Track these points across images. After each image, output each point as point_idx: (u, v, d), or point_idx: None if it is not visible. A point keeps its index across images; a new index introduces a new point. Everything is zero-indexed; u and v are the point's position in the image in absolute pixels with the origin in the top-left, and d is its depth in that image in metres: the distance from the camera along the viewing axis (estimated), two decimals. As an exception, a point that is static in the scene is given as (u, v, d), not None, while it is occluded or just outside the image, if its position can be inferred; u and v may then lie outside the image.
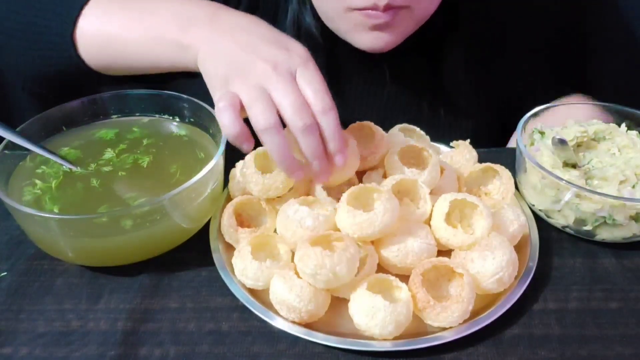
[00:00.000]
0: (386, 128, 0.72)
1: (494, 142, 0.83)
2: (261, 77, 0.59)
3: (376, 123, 0.71)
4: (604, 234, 0.66)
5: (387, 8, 0.68)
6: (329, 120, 0.59)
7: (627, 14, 0.88)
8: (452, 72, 0.85)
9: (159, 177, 0.67)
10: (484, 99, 0.90)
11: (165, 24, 0.70)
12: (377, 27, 0.71)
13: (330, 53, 0.82)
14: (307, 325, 0.57)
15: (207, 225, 0.67)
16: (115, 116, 0.76)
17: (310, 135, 0.58)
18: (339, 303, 0.59)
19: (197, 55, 0.66)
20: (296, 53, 0.61)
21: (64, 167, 0.68)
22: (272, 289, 0.57)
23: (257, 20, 0.67)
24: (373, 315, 0.54)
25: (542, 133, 0.74)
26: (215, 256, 0.64)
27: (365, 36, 0.73)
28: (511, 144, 0.89)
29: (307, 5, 0.79)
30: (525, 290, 0.60)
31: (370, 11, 0.69)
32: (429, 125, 0.76)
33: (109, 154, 0.70)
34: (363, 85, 0.87)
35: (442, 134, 0.78)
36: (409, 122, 0.75)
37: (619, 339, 0.58)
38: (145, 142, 0.72)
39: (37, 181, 0.67)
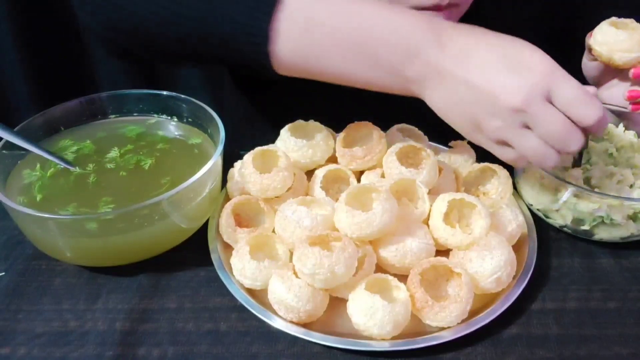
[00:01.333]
0: (383, 126, 0.72)
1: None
2: (513, 116, 0.55)
3: (374, 120, 0.71)
4: (602, 234, 0.66)
5: (449, 6, 0.66)
6: (599, 127, 0.56)
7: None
8: None
9: (150, 181, 0.67)
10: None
11: (383, 45, 0.58)
12: None
13: None
14: (306, 325, 0.57)
15: (206, 225, 0.67)
16: (114, 116, 0.76)
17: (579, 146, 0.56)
18: (337, 303, 0.59)
19: (425, 91, 0.59)
20: (539, 71, 0.54)
21: (62, 165, 0.68)
22: (271, 289, 0.57)
23: (486, 37, 0.57)
24: (371, 315, 0.54)
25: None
26: (213, 256, 0.64)
27: None
28: None
29: None
30: (523, 290, 0.60)
31: (431, 11, 0.66)
32: (427, 124, 0.76)
33: (114, 152, 0.70)
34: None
35: (440, 134, 0.78)
36: (408, 122, 0.75)
37: (617, 339, 0.58)
38: (159, 146, 0.71)
39: (38, 164, 0.68)
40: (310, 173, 0.71)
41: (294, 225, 0.60)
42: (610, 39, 0.61)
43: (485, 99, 0.55)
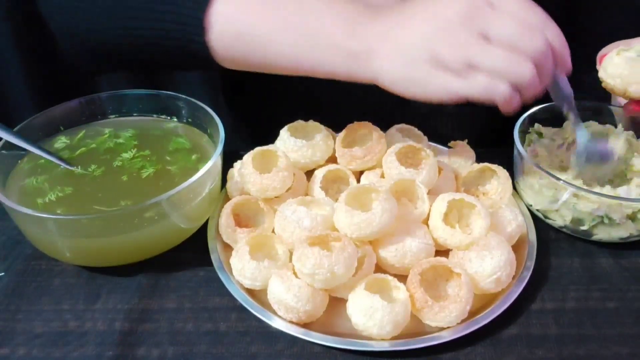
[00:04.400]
0: (383, 127, 0.72)
1: (492, 142, 0.83)
2: (468, 25, 0.53)
3: (374, 121, 0.71)
4: (601, 234, 0.66)
5: None
6: (552, 32, 0.54)
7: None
8: None
9: (142, 189, 0.66)
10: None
11: (323, 22, 0.57)
12: None
13: None
14: (305, 326, 0.57)
15: (205, 225, 0.67)
16: (113, 116, 0.76)
17: (547, 54, 0.54)
18: (337, 303, 0.59)
19: (373, 63, 0.56)
20: None
21: (62, 166, 0.68)
22: (270, 289, 0.57)
23: None
24: (371, 315, 0.54)
25: (539, 133, 0.74)
26: (213, 256, 0.64)
27: None
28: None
29: None
30: (523, 290, 0.60)
31: None
32: (426, 124, 0.76)
33: (129, 153, 0.70)
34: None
35: (440, 134, 0.78)
36: (407, 122, 0.75)
37: (617, 339, 0.58)
38: (171, 167, 0.69)
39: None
40: (309, 173, 0.71)
41: (294, 226, 0.60)
42: (624, 71, 0.59)
43: (436, 28, 0.54)
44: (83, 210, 0.63)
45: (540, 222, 0.70)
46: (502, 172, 0.69)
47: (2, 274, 0.64)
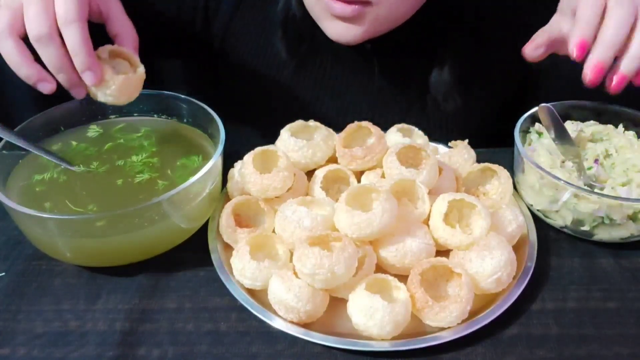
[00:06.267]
0: (376, 122, 0.72)
1: (492, 142, 0.83)
2: None
3: (366, 116, 0.71)
4: (601, 234, 0.66)
5: (349, 1, 0.69)
6: (71, 32, 0.57)
7: None
8: (444, 72, 0.85)
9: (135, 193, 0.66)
10: (479, 98, 0.90)
11: None
12: (342, 19, 0.72)
13: (315, 40, 0.82)
14: (306, 326, 0.57)
15: (206, 225, 0.67)
16: (114, 116, 0.76)
17: (47, 46, 0.58)
18: (337, 303, 0.59)
19: None
20: None
21: (63, 166, 0.68)
22: (271, 289, 0.57)
23: None
24: (371, 316, 0.54)
25: (539, 133, 0.74)
26: (213, 256, 0.64)
27: (333, 25, 0.74)
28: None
29: None
30: (523, 290, 0.60)
31: (334, 1, 0.70)
32: (427, 124, 0.76)
33: (138, 157, 0.70)
34: (350, 76, 0.87)
35: (440, 134, 0.78)
36: (408, 122, 0.75)
37: (617, 339, 0.58)
38: (160, 185, 0.67)
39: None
40: (310, 173, 0.71)
41: (294, 226, 0.60)
42: None
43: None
44: (56, 203, 0.63)
45: (540, 222, 0.70)
46: (502, 172, 0.69)
47: (3, 274, 0.64)
